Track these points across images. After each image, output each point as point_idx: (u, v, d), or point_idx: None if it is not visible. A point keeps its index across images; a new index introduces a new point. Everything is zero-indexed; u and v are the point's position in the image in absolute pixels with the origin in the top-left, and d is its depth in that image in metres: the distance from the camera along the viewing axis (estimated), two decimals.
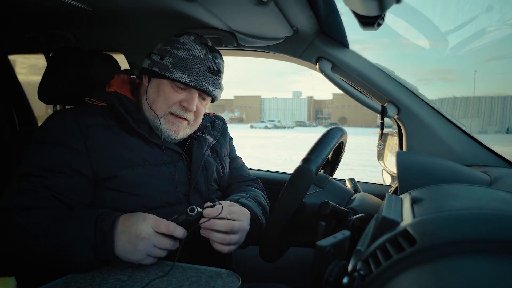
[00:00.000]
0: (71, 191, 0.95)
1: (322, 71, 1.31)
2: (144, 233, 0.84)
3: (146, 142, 1.06)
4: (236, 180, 1.30)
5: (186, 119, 1.08)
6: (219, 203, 0.92)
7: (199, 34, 1.11)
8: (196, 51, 1.05)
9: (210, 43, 1.10)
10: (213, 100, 1.14)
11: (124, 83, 1.14)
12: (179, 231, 0.86)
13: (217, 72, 1.09)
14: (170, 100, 1.05)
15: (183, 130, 1.10)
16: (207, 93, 1.07)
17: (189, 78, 1.02)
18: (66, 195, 0.94)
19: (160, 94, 1.06)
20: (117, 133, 1.03)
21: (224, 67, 1.14)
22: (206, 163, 1.15)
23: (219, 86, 1.10)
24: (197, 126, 1.15)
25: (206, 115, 1.29)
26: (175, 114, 1.07)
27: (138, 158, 1.02)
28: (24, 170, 0.96)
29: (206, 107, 1.14)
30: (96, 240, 0.84)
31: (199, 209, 0.89)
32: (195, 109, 1.07)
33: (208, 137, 1.22)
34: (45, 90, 1.28)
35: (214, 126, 1.29)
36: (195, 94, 1.06)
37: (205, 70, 1.05)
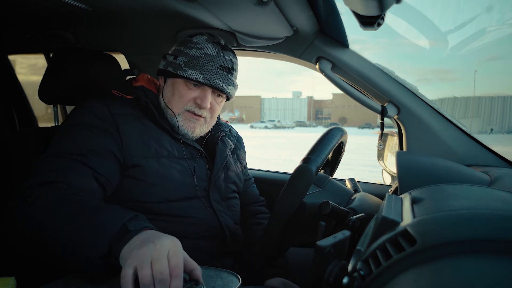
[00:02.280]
0: (107, 171, 0.95)
1: (322, 71, 1.31)
2: (163, 268, 0.66)
3: (171, 136, 1.09)
4: (252, 201, 1.36)
5: (201, 116, 1.11)
6: None
7: (211, 34, 1.14)
8: (208, 50, 1.08)
9: (222, 42, 1.13)
10: (228, 99, 1.18)
11: (150, 81, 1.18)
12: None
13: (230, 70, 1.10)
14: (185, 97, 1.08)
15: (199, 127, 1.12)
16: (220, 90, 1.09)
17: (202, 76, 1.05)
18: (103, 174, 0.93)
19: (175, 92, 1.09)
20: (145, 124, 1.06)
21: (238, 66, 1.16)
22: (228, 163, 1.20)
23: (232, 83, 1.12)
24: (213, 124, 1.18)
25: (224, 122, 1.33)
26: (191, 111, 1.09)
27: (163, 150, 1.05)
28: (58, 149, 0.93)
29: (221, 105, 1.17)
30: (117, 234, 0.72)
31: None
32: (209, 106, 1.09)
33: (229, 140, 1.28)
34: (46, 90, 1.29)
35: (231, 133, 1.35)
36: (209, 92, 1.08)
37: (217, 68, 1.07)
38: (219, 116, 1.32)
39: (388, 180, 1.52)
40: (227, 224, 1.11)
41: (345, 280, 0.51)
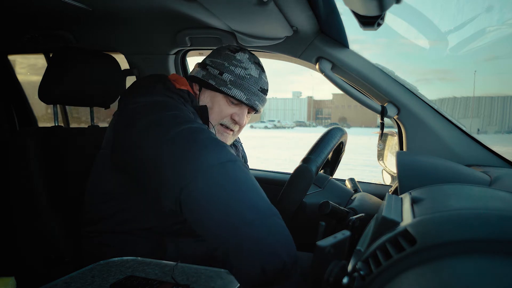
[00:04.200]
0: None
1: (322, 71, 1.31)
2: None
3: None
4: None
5: (232, 130, 1.16)
6: None
7: (251, 52, 1.18)
8: (252, 71, 1.12)
9: (261, 63, 1.18)
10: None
11: (190, 87, 1.17)
12: None
13: (266, 92, 1.17)
14: (224, 113, 1.12)
15: (229, 141, 1.18)
16: (256, 110, 1.15)
17: (245, 97, 1.10)
18: None
19: (214, 106, 1.12)
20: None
21: None
22: None
23: (265, 103, 1.18)
24: (237, 136, 1.23)
25: None
26: (224, 125, 1.14)
27: None
28: None
29: (248, 119, 1.21)
30: None
31: None
32: (244, 124, 1.16)
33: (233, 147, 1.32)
34: (46, 90, 1.28)
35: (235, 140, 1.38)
36: (246, 110, 1.14)
37: (258, 90, 1.12)
38: None
39: (388, 180, 1.52)
40: None
41: (345, 280, 0.51)
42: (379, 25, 0.83)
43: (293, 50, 1.38)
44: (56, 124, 1.35)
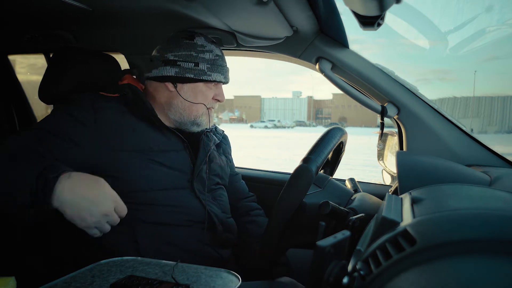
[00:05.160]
0: (61, 155, 0.97)
1: (322, 71, 1.31)
2: (107, 210, 0.85)
3: (154, 129, 1.12)
4: (241, 196, 1.39)
5: (213, 108, 1.23)
6: None
7: (200, 32, 1.21)
8: (216, 50, 1.18)
9: (214, 39, 1.23)
10: None
11: (136, 82, 1.24)
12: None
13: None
14: (208, 97, 1.19)
15: (212, 118, 1.24)
16: (226, 83, 1.23)
17: (223, 76, 1.18)
18: (55, 155, 0.97)
19: (198, 95, 1.17)
20: (127, 118, 1.10)
21: None
22: (211, 156, 1.24)
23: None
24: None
25: None
26: (211, 108, 1.21)
27: (147, 143, 1.08)
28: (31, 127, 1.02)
29: None
30: (36, 183, 0.81)
31: None
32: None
33: (214, 136, 1.33)
34: (45, 90, 1.28)
35: (216, 130, 1.39)
36: (222, 87, 1.22)
37: (226, 65, 1.20)
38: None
39: (388, 180, 1.52)
40: (215, 211, 1.13)
41: (345, 280, 0.51)
42: (379, 25, 0.83)
43: (293, 50, 1.38)
44: None
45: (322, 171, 1.26)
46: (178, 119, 1.18)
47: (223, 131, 1.43)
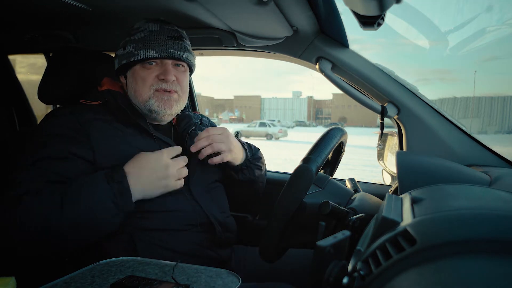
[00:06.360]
0: (76, 174, 0.97)
1: (322, 71, 1.31)
2: (166, 160, 0.99)
3: (142, 134, 1.10)
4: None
5: (173, 91, 1.11)
6: None
7: (154, 18, 1.15)
8: (151, 27, 1.10)
9: (162, 18, 1.15)
10: (191, 70, 1.20)
11: (114, 83, 1.19)
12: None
13: (179, 38, 1.12)
14: (148, 78, 1.09)
15: (176, 104, 1.13)
16: (177, 58, 1.10)
17: (154, 51, 1.07)
18: (72, 177, 0.96)
19: (137, 80, 1.10)
20: (115, 127, 1.07)
21: (186, 35, 1.17)
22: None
23: (187, 50, 1.13)
24: (186, 99, 1.18)
25: (192, 113, 1.32)
26: (159, 90, 1.10)
27: (136, 150, 1.05)
28: (27, 161, 0.97)
29: (186, 75, 1.17)
30: (113, 191, 0.91)
31: None
32: (173, 78, 1.10)
33: (199, 132, 1.25)
34: (45, 90, 1.28)
35: (202, 123, 1.34)
36: (168, 64, 1.10)
37: (166, 39, 1.09)
38: (201, 113, 1.34)
39: (388, 180, 1.52)
40: (213, 213, 1.12)
41: (345, 280, 0.51)
42: (379, 25, 0.83)
43: (293, 50, 1.38)
44: None
45: (322, 171, 1.26)
46: (140, 110, 1.13)
47: (209, 120, 1.38)
